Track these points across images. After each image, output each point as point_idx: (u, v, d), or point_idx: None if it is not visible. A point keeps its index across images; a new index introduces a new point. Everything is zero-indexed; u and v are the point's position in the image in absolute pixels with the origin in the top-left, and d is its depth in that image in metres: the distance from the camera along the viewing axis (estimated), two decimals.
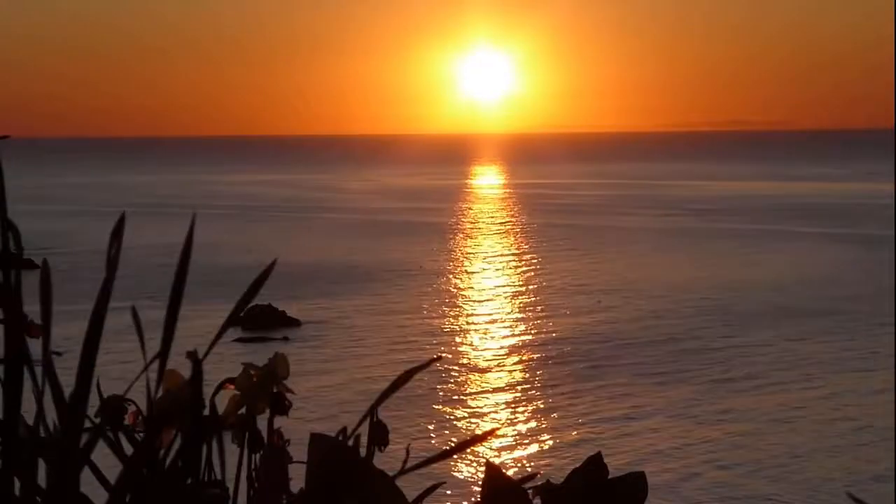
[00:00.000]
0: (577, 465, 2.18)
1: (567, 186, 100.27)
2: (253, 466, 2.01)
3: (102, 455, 1.77)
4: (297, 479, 2.02)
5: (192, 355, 1.67)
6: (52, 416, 1.71)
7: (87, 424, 1.74)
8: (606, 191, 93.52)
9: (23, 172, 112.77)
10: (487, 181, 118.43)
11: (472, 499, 14.91)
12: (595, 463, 2.18)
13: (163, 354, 1.71)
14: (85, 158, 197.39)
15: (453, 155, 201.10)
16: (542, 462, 19.37)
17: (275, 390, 2.02)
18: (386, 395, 1.75)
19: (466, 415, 22.29)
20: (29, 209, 63.94)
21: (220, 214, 67.99)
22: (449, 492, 15.95)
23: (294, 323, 31.09)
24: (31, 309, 1.75)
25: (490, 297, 36.90)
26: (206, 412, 1.82)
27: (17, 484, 1.69)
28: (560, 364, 26.72)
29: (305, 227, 60.86)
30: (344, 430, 1.94)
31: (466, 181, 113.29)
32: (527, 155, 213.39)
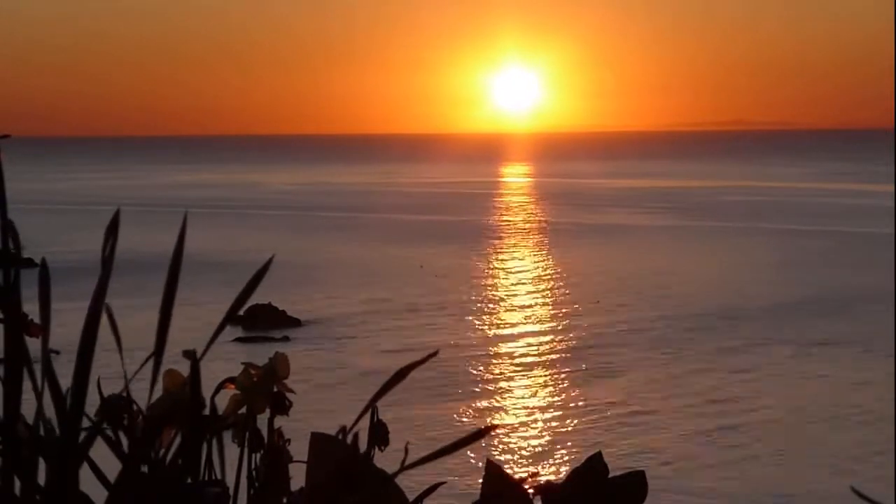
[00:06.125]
0: (577, 464, 2.18)
1: (571, 185, 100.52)
2: (253, 466, 2.00)
3: (102, 454, 1.76)
4: (298, 478, 2.02)
5: (189, 354, 1.66)
6: (51, 414, 1.71)
7: (86, 423, 1.74)
8: (603, 189, 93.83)
9: None
10: (496, 179, 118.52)
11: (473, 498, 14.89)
12: (595, 462, 2.18)
13: (157, 354, 1.70)
14: (76, 156, 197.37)
15: (470, 154, 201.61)
16: (542, 461, 19.38)
17: (275, 390, 2.02)
18: (383, 391, 1.74)
19: (465, 412, 22.30)
20: None
21: (221, 214, 68.03)
22: (449, 491, 15.95)
23: (295, 322, 31.06)
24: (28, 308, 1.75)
25: (489, 295, 36.91)
26: (207, 412, 1.81)
27: (17, 483, 1.69)
28: (559, 363, 26.74)
29: (308, 227, 60.88)
30: (344, 428, 1.93)
31: (472, 180, 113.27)
32: (536, 154, 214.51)
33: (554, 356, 27.55)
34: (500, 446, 20.14)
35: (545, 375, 25.65)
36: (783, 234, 55.42)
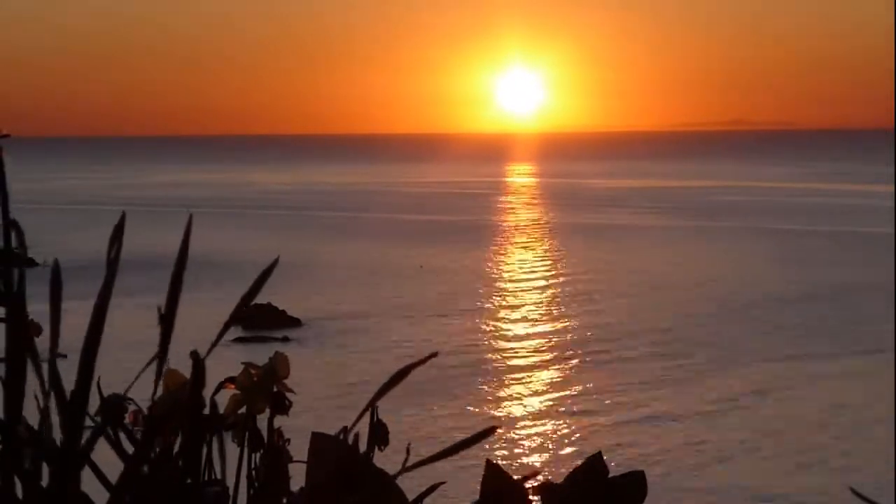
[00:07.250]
0: (578, 464, 2.18)
1: (574, 185, 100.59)
2: (253, 466, 2.01)
3: (102, 454, 1.77)
4: (298, 478, 2.02)
5: (194, 355, 1.67)
6: (54, 415, 1.71)
7: (89, 423, 1.74)
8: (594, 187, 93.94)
9: None
10: (500, 179, 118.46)
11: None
12: (595, 463, 2.18)
13: (161, 354, 1.71)
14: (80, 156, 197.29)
15: (474, 154, 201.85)
16: (542, 460, 19.38)
17: (275, 390, 2.03)
18: (383, 391, 1.75)
19: (466, 412, 22.29)
20: None
21: (221, 214, 68.03)
22: (449, 490, 15.95)
23: (295, 322, 31.04)
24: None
25: (489, 295, 36.90)
26: (207, 411, 1.82)
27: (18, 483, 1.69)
28: (558, 361, 26.73)
29: (308, 227, 60.87)
30: (344, 429, 1.94)
31: (476, 180, 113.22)
32: (540, 154, 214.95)
33: (553, 355, 27.54)
34: (500, 446, 20.14)
35: (544, 374, 25.63)
36: (783, 234, 55.42)
